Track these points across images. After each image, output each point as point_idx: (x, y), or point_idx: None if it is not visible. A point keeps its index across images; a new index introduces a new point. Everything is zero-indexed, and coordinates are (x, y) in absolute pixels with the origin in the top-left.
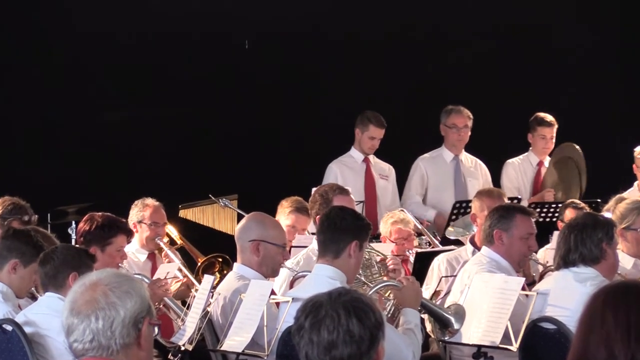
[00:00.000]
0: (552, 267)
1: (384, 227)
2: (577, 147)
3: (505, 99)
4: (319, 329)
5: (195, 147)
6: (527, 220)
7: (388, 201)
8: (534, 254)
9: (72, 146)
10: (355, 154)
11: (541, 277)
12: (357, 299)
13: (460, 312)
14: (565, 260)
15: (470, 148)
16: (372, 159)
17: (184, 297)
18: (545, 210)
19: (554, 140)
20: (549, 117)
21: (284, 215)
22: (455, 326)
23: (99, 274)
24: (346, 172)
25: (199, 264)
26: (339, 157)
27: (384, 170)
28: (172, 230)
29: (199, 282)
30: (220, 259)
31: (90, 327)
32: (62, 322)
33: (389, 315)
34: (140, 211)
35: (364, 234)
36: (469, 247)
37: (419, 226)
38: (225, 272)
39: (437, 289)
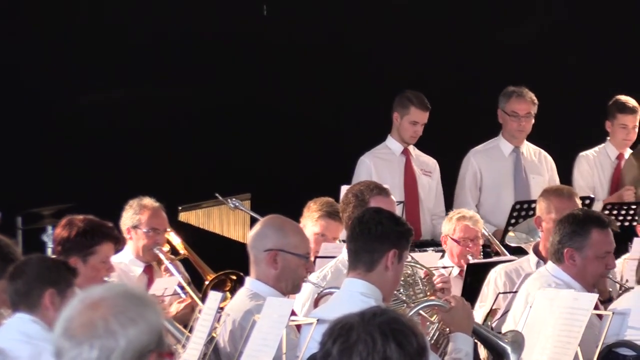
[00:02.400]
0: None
1: (447, 224)
2: None
3: (579, 79)
4: (350, 356)
5: (199, 136)
6: (605, 235)
7: (431, 203)
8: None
9: (46, 135)
10: (392, 144)
11: (619, 296)
12: (396, 320)
13: (518, 341)
14: None
15: (533, 138)
16: (413, 151)
17: (186, 321)
18: (623, 212)
19: (636, 130)
20: (631, 102)
21: (312, 220)
22: (512, 357)
23: (105, 291)
24: (381, 166)
25: (207, 282)
26: (373, 149)
27: (427, 165)
28: (174, 237)
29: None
30: (234, 277)
31: (82, 357)
32: (52, 340)
33: (432, 341)
34: (136, 214)
35: (405, 241)
36: (532, 257)
37: (486, 233)
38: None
39: (494, 307)
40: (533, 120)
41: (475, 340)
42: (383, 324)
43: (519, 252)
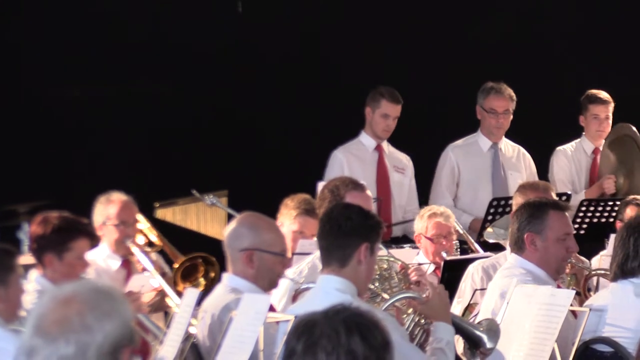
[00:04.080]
0: (601, 272)
1: (419, 222)
2: (634, 128)
3: (554, 75)
4: (315, 352)
5: (175, 131)
6: (563, 217)
7: (403, 200)
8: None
9: (21, 132)
10: (365, 139)
11: (585, 280)
12: (360, 315)
13: (493, 329)
14: (622, 269)
15: (511, 134)
16: (387, 147)
17: (159, 309)
18: (600, 209)
19: (609, 122)
20: (603, 94)
21: (290, 218)
22: (488, 345)
23: (76, 287)
24: (354, 162)
25: (176, 266)
26: (346, 144)
27: (400, 162)
28: (147, 226)
29: (176, 291)
30: (201, 260)
31: (58, 353)
32: (22, 340)
33: (408, 332)
34: (105, 209)
35: (375, 234)
36: (509, 252)
37: (460, 229)
38: (211, 274)
39: (471, 303)
40: (511, 117)
41: None
42: (347, 319)
43: (496, 248)
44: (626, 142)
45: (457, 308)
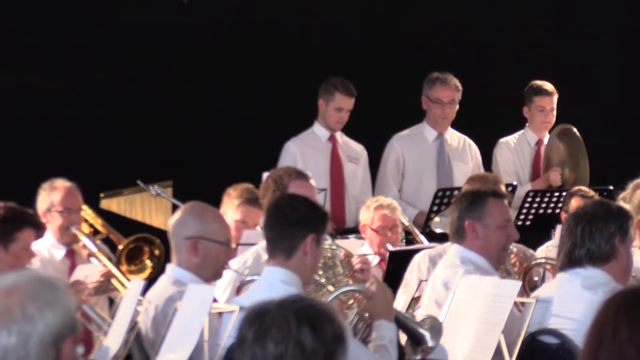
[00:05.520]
0: (542, 261)
1: (365, 213)
2: (574, 129)
3: (498, 65)
4: (264, 341)
5: (119, 121)
6: (501, 204)
7: (357, 190)
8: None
9: None
10: (319, 130)
11: (526, 271)
12: (313, 307)
13: (437, 327)
14: (570, 258)
15: (457, 125)
16: (340, 137)
17: (104, 292)
18: (546, 199)
19: (554, 113)
20: (547, 85)
21: (232, 207)
22: (430, 343)
23: (18, 277)
24: (307, 153)
25: (120, 248)
26: (299, 135)
27: (354, 152)
28: (91, 214)
29: (121, 271)
30: (144, 241)
31: (0, 344)
32: None
33: (351, 326)
34: (49, 196)
35: (321, 225)
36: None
37: (405, 221)
38: (156, 253)
39: (416, 295)
40: (457, 107)
41: None
42: (299, 310)
43: (443, 239)
44: (573, 134)
45: (402, 298)
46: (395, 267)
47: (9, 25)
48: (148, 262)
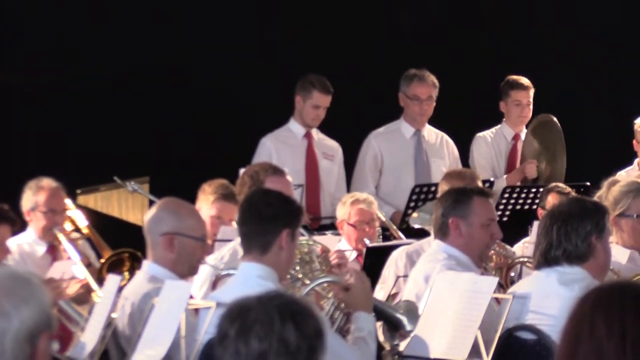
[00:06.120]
0: (524, 260)
1: (342, 209)
2: (555, 119)
3: (474, 62)
4: (248, 337)
5: (97, 119)
6: (486, 203)
7: (332, 187)
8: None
9: None
10: (294, 127)
11: (508, 269)
12: (294, 302)
13: (412, 310)
14: (546, 258)
15: (433, 121)
16: (316, 134)
17: (82, 302)
18: (523, 195)
19: (531, 107)
20: (524, 80)
21: (207, 203)
22: (408, 327)
23: None
24: (283, 149)
25: (103, 261)
26: (275, 131)
27: (329, 149)
28: (78, 214)
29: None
30: (128, 255)
31: None
32: None
33: (328, 316)
34: (34, 195)
35: (296, 220)
36: (433, 238)
37: (382, 217)
38: (136, 271)
39: (393, 292)
40: (434, 104)
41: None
42: (281, 306)
43: (420, 235)
44: (550, 128)
45: (379, 294)
46: (373, 262)
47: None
48: (126, 275)
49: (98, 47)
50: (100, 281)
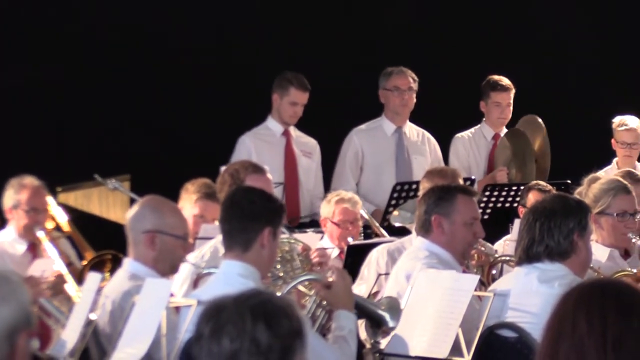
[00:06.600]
0: (505, 259)
1: (326, 207)
2: (540, 120)
3: (455, 61)
4: (220, 337)
5: (78, 116)
6: (471, 201)
7: (311, 184)
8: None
9: None
10: (273, 125)
11: (490, 267)
12: (270, 302)
13: (394, 306)
14: (528, 254)
15: (415, 119)
16: (294, 131)
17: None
18: (504, 193)
19: (511, 108)
20: (504, 80)
21: (190, 202)
22: (391, 324)
23: None
24: (262, 147)
25: (85, 263)
26: (253, 129)
27: (307, 146)
28: (59, 212)
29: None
30: (110, 257)
31: None
32: None
33: (309, 314)
34: (16, 194)
35: (278, 218)
36: (415, 236)
37: (365, 215)
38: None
39: (374, 290)
40: (415, 97)
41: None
42: (255, 306)
43: (401, 233)
44: (521, 134)
45: (357, 289)
46: (354, 260)
47: None
48: (107, 275)
49: (76, 43)
50: (81, 283)
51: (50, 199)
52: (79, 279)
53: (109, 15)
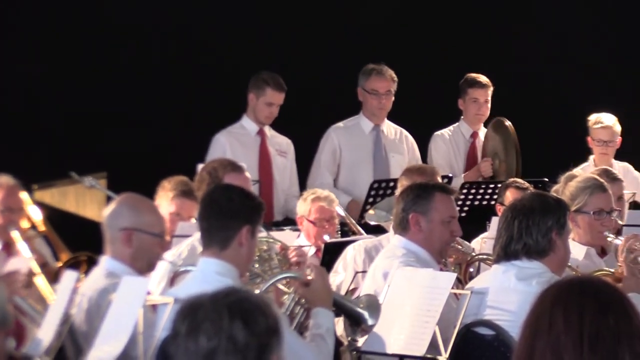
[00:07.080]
0: (483, 257)
1: (302, 205)
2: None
3: (434, 59)
4: (197, 335)
5: (54, 113)
6: (449, 200)
7: (286, 184)
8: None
9: None
10: (248, 124)
11: (467, 265)
12: (247, 300)
13: (374, 304)
14: (506, 251)
15: (392, 117)
16: (268, 131)
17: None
18: (481, 191)
19: (489, 105)
20: (482, 78)
21: (167, 200)
22: (370, 322)
23: None
24: (237, 145)
25: (60, 264)
26: (228, 127)
27: (281, 145)
28: (35, 212)
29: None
30: (86, 258)
31: None
32: None
33: (288, 312)
34: None
35: (257, 216)
36: (392, 235)
37: (342, 213)
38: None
39: (352, 287)
40: (393, 98)
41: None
42: (232, 304)
43: (378, 231)
44: (503, 125)
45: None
46: (331, 258)
47: None
48: (82, 276)
49: (50, 41)
50: (56, 283)
51: (25, 196)
52: (54, 280)
53: (82, 13)
